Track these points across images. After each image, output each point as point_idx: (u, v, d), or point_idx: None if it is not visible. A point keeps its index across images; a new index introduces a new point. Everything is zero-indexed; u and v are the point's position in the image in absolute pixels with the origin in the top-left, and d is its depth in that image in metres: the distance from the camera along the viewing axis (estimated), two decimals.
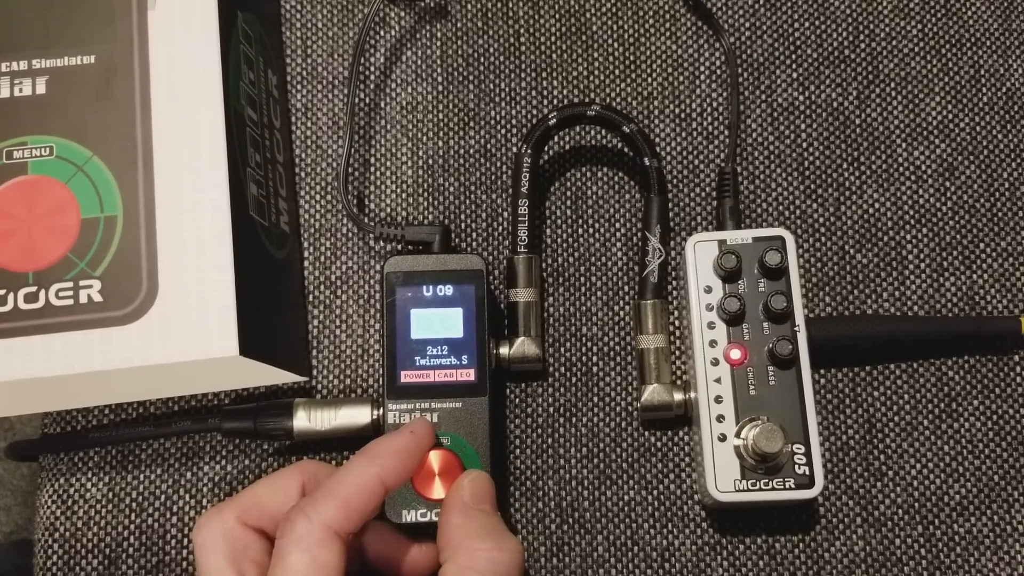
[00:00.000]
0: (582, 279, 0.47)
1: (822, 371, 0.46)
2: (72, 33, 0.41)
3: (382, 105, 0.50)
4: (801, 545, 0.44)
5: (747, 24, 0.50)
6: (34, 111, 0.41)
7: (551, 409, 0.46)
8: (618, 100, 0.49)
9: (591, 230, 0.48)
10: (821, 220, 0.47)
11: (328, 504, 0.34)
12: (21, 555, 0.88)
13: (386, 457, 0.36)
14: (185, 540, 0.45)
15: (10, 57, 0.41)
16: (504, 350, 0.44)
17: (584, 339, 0.47)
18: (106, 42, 0.41)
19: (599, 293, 0.47)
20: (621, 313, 0.47)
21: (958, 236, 0.47)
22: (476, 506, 0.37)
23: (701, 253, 0.43)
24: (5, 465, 0.98)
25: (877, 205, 0.48)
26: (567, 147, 0.49)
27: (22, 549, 0.90)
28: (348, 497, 0.34)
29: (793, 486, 0.40)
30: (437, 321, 0.43)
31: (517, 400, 0.46)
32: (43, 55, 0.41)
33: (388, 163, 0.49)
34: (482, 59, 0.50)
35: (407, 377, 0.42)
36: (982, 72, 0.49)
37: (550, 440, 0.45)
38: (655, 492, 0.45)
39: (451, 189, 0.49)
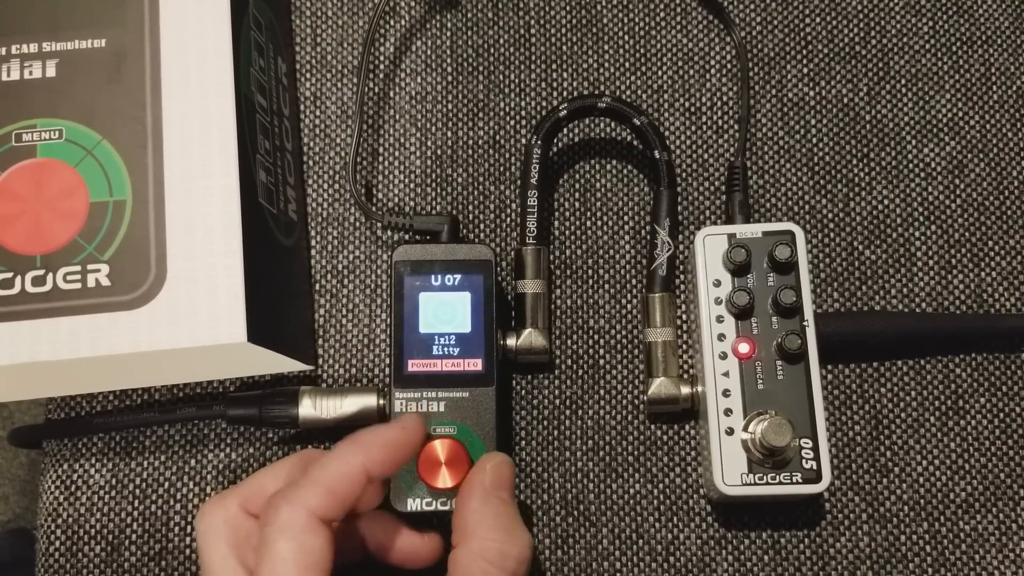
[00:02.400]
0: (590, 271, 0.47)
1: (829, 367, 0.46)
2: (82, 16, 0.41)
3: (391, 95, 0.49)
4: (806, 540, 0.44)
5: (758, 19, 0.50)
6: (44, 94, 0.40)
7: (557, 401, 0.46)
8: (628, 93, 0.49)
9: (599, 222, 0.48)
10: (830, 216, 0.47)
11: (312, 491, 0.34)
12: (19, 543, 0.88)
13: (373, 448, 0.36)
14: (188, 527, 0.44)
15: (20, 40, 0.41)
16: (511, 341, 0.44)
17: (591, 332, 0.46)
18: (117, 26, 0.41)
19: (607, 286, 0.47)
20: (628, 306, 0.47)
21: (967, 233, 0.47)
22: (495, 493, 0.37)
23: (710, 246, 0.43)
24: (3, 453, 0.98)
25: (886, 201, 0.48)
26: (576, 139, 0.49)
27: (20, 538, 0.90)
28: (332, 484, 0.34)
29: (800, 480, 0.40)
30: (445, 310, 0.42)
31: (523, 392, 0.46)
32: (53, 38, 0.41)
33: (397, 153, 0.49)
34: (492, 50, 0.50)
35: (414, 366, 0.42)
36: (992, 70, 0.49)
37: (556, 432, 0.45)
38: (660, 485, 0.45)
39: (459, 180, 0.48)
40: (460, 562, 0.35)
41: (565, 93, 0.49)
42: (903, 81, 0.49)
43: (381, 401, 0.43)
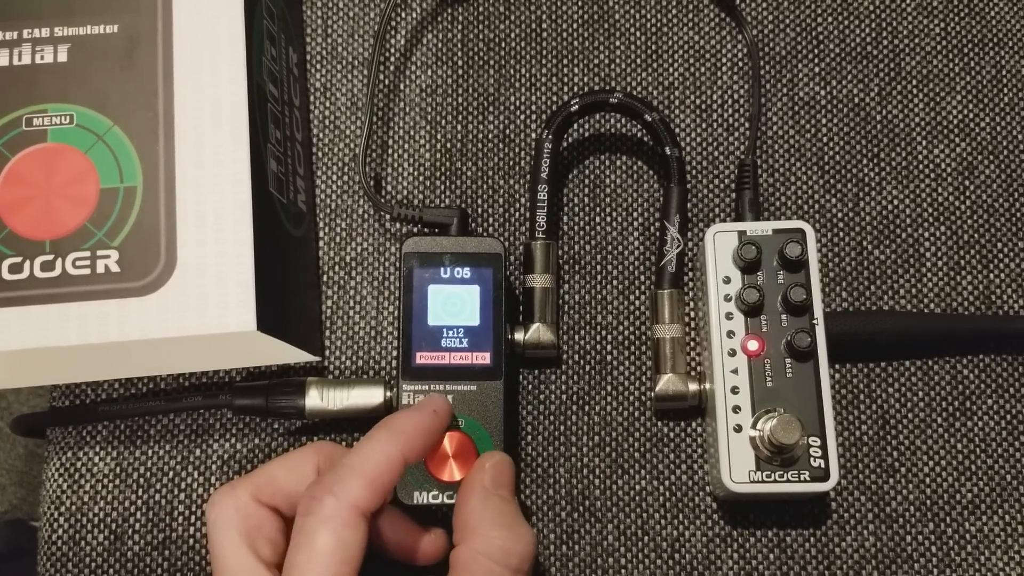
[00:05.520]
0: (598, 267, 0.47)
1: (837, 366, 0.46)
2: (95, 1, 0.41)
3: (401, 87, 0.49)
4: (812, 539, 0.44)
5: (770, 17, 0.50)
6: (55, 79, 0.40)
7: (564, 397, 0.46)
8: (639, 89, 0.49)
9: (609, 218, 0.48)
10: (840, 215, 0.47)
11: (355, 482, 0.34)
12: (16, 534, 0.88)
13: (410, 434, 0.36)
14: (192, 517, 0.44)
15: (32, 24, 0.41)
16: (519, 335, 0.44)
17: (599, 327, 0.46)
18: (130, 11, 0.41)
19: (615, 281, 0.47)
20: (637, 302, 0.47)
21: (976, 235, 0.47)
22: (495, 491, 0.37)
23: (721, 243, 0.43)
24: (0, 444, 0.98)
25: (896, 202, 0.48)
26: (587, 135, 0.49)
27: (17, 528, 0.89)
28: (374, 475, 0.34)
29: (808, 479, 0.40)
30: (454, 303, 0.42)
31: (530, 387, 0.46)
32: (66, 23, 0.41)
33: (406, 146, 0.49)
34: (503, 44, 0.50)
35: (422, 359, 0.42)
36: (1003, 72, 0.49)
37: (562, 428, 0.45)
38: (667, 483, 0.45)
39: (469, 173, 0.48)
40: (462, 560, 0.35)
41: (576, 88, 0.49)
42: (914, 82, 0.49)
43: (388, 393, 0.43)
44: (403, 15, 0.50)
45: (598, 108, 0.45)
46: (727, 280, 0.42)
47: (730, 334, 0.42)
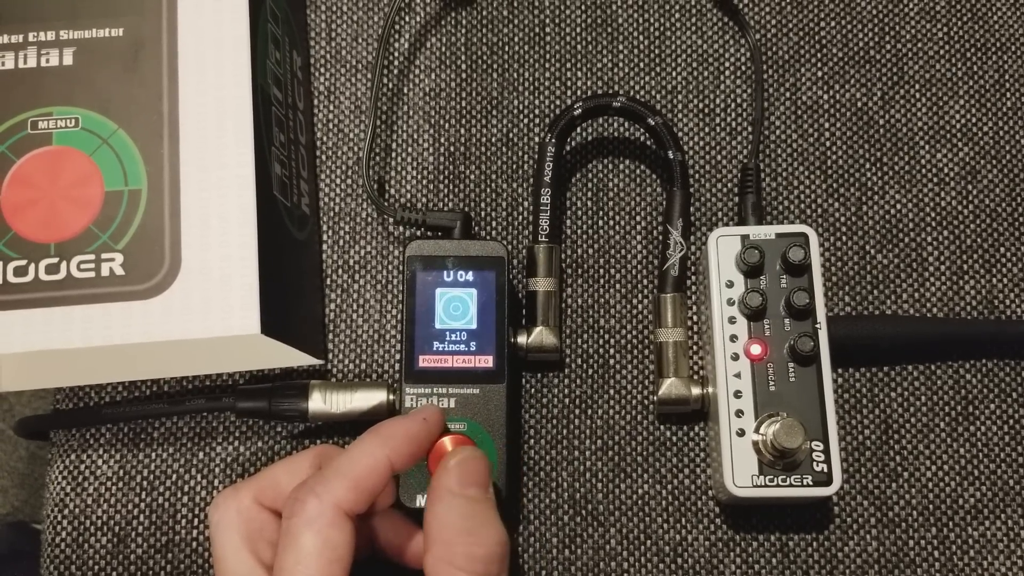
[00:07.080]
0: (601, 271, 0.47)
1: (839, 370, 0.46)
2: (100, 5, 0.41)
3: (405, 91, 0.49)
4: (815, 544, 0.44)
5: (773, 21, 0.50)
6: (60, 82, 0.40)
7: (567, 400, 0.46)
8: (642, 93, 0.49)
9: (612, 222, 0.48)
10: (842, 219, 0.47)
11: (339, 484, 0.34)
12: (17, 537, 0.88)
13: (398, 441, 0.36)
14: (195, 520, 0.44)
15: (37, 27, 0.41)
16: (522, 339, 0.44)
17: (602, 331, 0.46)
18: (135, 15, 0.41)
19: (618, 285, 0.47)
20: (640, 306, 0.47)
21: (979, 239, 0.47)
22: (463, 492, 0.35)
23: (724, 247, 0.43)
24: (2, 446, 0.98)
25: (899, 206, 0.48)
26: (590, 139, 0.49)
27: (18, 531, 0.89)
28: (359, 478, 0.34)
29: (811, 483, 0.40)
30: (457, 307, 0.42)
31: (533, 390, 0.46)
32: (71, 26, 0.41)
33: (410, 149, 0.49)
34: (507, 48, 0.50)
35: (425, 362, 0.42)
36: (1007, 76, 0.49)
37: (565, 431, 0.45)
38: (669, 487, 0.45)
39: (472, 177, 0.48)
40: (429, 568, 0.34)
41: (579, 92, 0.49)
42: (917, 86, 0.49)
43: (391, 396, 0.43)
44: (407, 19, 0.50)
45: (601, 112, 0.45)
46: (730, 284, 0.42)
47: (733, 338, 0.42)
